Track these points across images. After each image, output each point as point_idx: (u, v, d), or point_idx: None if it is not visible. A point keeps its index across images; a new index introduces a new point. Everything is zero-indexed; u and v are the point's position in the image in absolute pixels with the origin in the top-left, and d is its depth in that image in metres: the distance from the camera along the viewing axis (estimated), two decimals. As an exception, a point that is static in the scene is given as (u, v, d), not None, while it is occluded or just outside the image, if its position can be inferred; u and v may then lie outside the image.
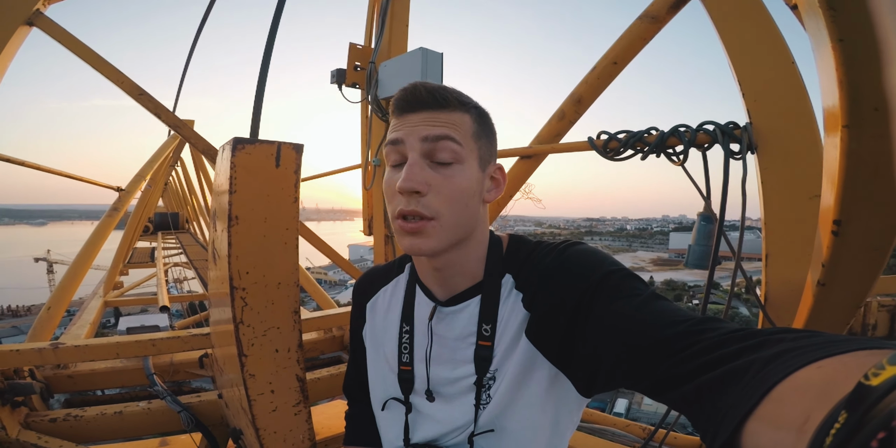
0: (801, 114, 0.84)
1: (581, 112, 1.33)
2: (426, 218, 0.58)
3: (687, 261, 1.12)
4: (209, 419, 1.43)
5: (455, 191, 0.58)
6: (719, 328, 0.41)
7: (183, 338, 1.54)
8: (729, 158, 0.94)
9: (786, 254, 0.87)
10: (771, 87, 0.87)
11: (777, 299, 0.89)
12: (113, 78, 1.65)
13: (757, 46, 0.88)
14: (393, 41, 2.07)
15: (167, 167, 7.79)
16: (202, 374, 1.69)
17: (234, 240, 0.96)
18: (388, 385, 0.75)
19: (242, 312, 0.97)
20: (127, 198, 3.10)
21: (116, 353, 1.36)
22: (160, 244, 7.54)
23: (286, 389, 1.04)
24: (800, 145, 0.85)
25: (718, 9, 0.94)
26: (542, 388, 0.60)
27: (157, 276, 4.13)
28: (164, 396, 1.36)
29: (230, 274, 0.96)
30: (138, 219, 5.00)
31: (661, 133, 1.06)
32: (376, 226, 2.52)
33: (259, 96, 1.20)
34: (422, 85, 0.60)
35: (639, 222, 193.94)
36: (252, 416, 0.99)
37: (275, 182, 1.02)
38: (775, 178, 0.88)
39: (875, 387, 0.19)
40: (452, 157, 0.58)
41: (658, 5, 1.06)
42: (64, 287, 2.28)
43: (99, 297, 3.16)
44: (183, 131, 1.71)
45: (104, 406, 1.35)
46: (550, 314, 0.58)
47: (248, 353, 0.98)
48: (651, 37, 1.11)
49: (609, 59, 1.19)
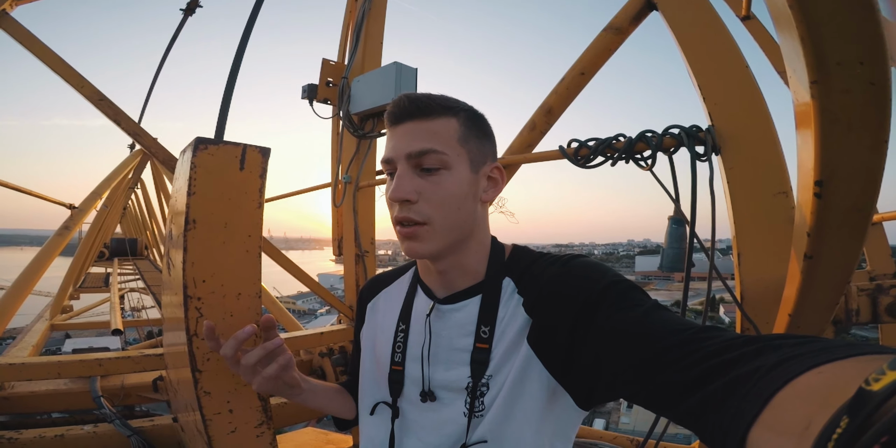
0: (758, 115, 0.89)
1: (552, 122, 1.35)
2: (418, 223, 0.61)
3: (661, 264, 1.12)
4: (164, 445, 1.30)
5: (444, 196, 0.61)
6: (720, 336, 0.42)
7: (134, 358, 1.41)
8: (695, 160, 0.97)
9: (757, 251, 0.89)
10: (729, 90, 0.92)
11: (753, 297, 0.90)
12: (73, 82, 1.58)
13: (713, 52, 0.93)
14: (367, 57, 2.08)
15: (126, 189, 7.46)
16: (156, 398, 1.55)
17: (189, 245, 0.90)
18: (377, 387, 0.74)
19: (197, 324, 0.90)
20: (80, 216, 2.91)
21: (58, 373, 1.23)
22: (115, 270, 7.12)
23: (246, 409, 0.96)
24: (760, 145, 0.89)
25: (677, 20, 0.99)
26: (541, 402, 0.59)
27: (111, 300, 3.85)
28: (113, 419, 1.24)
29: (184, 282, 0.89)
30: (92, 241, 4.71)
31: (629, 139, 1.08)
32: (346, 246, 2.45)
33: (227, 96, 1.16)
34: (406, 96, 0.63)
35: (606, 247, 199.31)
36: (208, 437, 0.90)
37: (238, 185, 0.97)
38: (740, 177, 0.90)
39: (876, 392, 0.20)
40: (439, 164, 0.61)
41: (621, 18, 1.11)
42: (3, 306, 2.08)
43: (45, 319, 2.91)
44: (143, 140, 1.63)
45: (42, 429, 1.20)
46: (553, 321, 0.58)
47: (202, 369, 0.89)
48: (616, 47, 1.16)
49: (576, 70, 1.23)
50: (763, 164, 0.88)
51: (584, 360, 0.54)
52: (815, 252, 0.52)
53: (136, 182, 8.79)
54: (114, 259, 8.71)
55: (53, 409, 1.45)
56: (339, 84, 2.22)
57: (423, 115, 0.62)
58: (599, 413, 26.28)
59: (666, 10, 1.02)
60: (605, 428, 24.95)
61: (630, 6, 1.11)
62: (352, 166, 2.25)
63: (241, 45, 1.19)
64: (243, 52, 1.20)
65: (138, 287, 6.29)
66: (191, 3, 6.37)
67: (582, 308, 0.55)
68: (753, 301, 0.91)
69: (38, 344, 2.39)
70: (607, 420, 26.30)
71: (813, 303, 0.60)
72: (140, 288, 6.18)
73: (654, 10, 1.06)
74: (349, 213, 2.28)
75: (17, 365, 1.24)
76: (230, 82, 1.15)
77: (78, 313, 3.50)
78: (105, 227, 7.15)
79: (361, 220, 2.25)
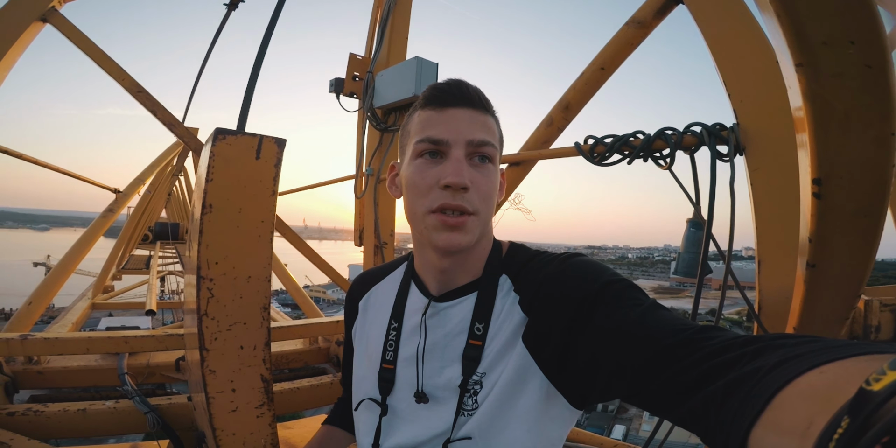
0: (788, 113, 0.83)
1: (569, 118, 1.32)
2: (469, 213, 0.59)
3: (676, 269, 1.08)
4: (178, 423, 1.36)
5: (490, 189, 0.61)
6: (720, 336, 0.41)
7: (158, 337, 1.49)
8: (716, 160, 0.92)
9: (779, 258, 0.84)
10: (756, 86, 0.86)
11: (771, 307, 0.85)
12: (115, 75, 1.68)
13: (741, 48, 0.88)
14: (392, 51, 2.10)
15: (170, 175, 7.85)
16: (178, 377, 1.63)
17: (205, 227, 0.94)
18: (367, 385, 0.73)
19: (208, 304, 0.94)
20: (124, 200, 3.09)
21: (87, 348, 1.32)
22: (157, 252, 7.52)
23: (249, 389, 0.99)
24: (788, 145, 0.83)
25: (703, 13, 0.94)
26: (535, 401, 0.58)
27: (150, 282, 4.08)
28: (133, 396, 1.30)
29: (198, 262, 0.93)
30: (135, 223, 4.99)
31: (647, 136, 1.04)
32: (367, 236, 2.49)
33: (250, 89, 1.20)
34: (464, 83, 0.62)
35: (640, 251, 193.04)
36: (210, 414, 0.94)
37: (253, 173, 1.01)
38: (765, 180, 0.85)
39: (876, 392, 0.20)
40: (492, 157, 0.62)
41: (645, 11, 1.07)
42: (48, 283, 2.24)
43: (87, 298, 3.11)
44: (177, 130, 1.72)
45: (67, 403, 1.29)
46: (549, 320, 0.57)
47: (209, 348, 0.93)
48: (639, 42, 1.11)
49: (597, 64, 1.19)
50: (790, 165, 0.82)
51: (581, 360, 0.53)
52: (818, 260, 0.47)
53: (180, 170, 9.23)
54: (157, 242, 9.22)
55: (82, 385, 1.52)
56: (364, 78, 2.26)
57: (480, 107, 0.62)
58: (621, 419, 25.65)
59: (692, 2, 0.97)
60: (625, 435, 24.33)
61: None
62: (374, 159, 2.28)
63: (264, 39, 1.22)
64: (266, 46, 1.24)
65: (177, 270, 6.63)
66: (234, -2, 6.51)
67: (579, 307, 0.54)
68: (772, 312, 0.85)
69: (79, 321, 2.56)
70: (628, 427, 25.62)
71: (820, 317, 0.56)
72: (178, 271, 6.52)
73: (679, 2, 1.01)
74: (370, 204, 2.31)
75: (50, 339, 1.33)
76: (253, 75, 1.19)
77: (118, 293, 3.73)
78: (149, 212, 7.56)
79: (382, 212, 2.28)
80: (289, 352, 2.02)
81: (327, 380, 1.87)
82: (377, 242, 2.31)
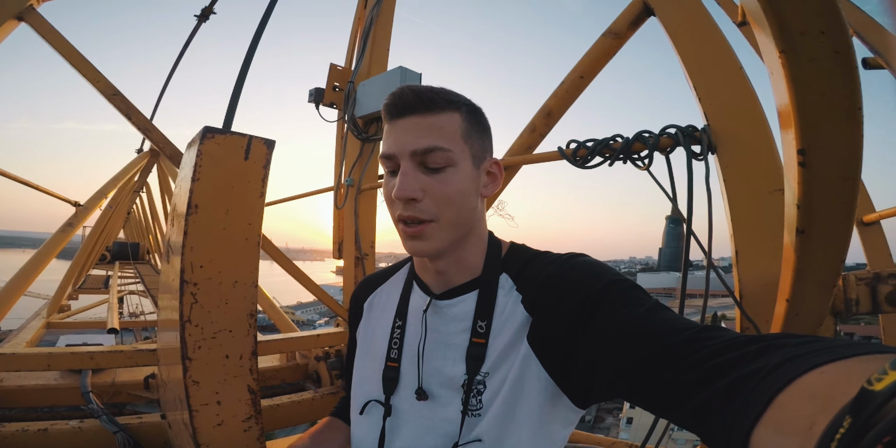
0: (753, 114, 0.90)
1: (551, 125, 1.37)
2: (424, 221, 0.59)
3: (658, 265, 1.12)
4: (151, 443, 1.27)
5: (450, 194, 0.59)
6: (722, 335, 0.42)
7: (126, 352, 1.40)
8: (691, 159, 0.98)
9: (755, 248, 0.89)
10: (724, 91, 0.94)
11: (752, 295, 0.90)
12: (90, 77, 1.62)
13: (708, 55, 0.96)
14: (373, 62, 2.13)
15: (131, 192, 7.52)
16: (147, 396, 1.53)
17: (190, 229, 0.90)
18: (370, 385, 0.71)
19: (191, 310, 0.89)
20: (84, 214, 2.93)
21: (48, 365, 1.22)
22: (116, 272, 7.13)
23: (235, 401, 0.94)
24: (755, 143, 0.90)
25: (673, 24, 1.02)
26: (540, 402, 0.58)
27: (110, 301, 3.85)
28: (100, 415, 1.22)
29: (182, 266, 0.89)
30: (93, 242, 4.72)
31: (627, 139, 1.10)
32: (346, 248, 2.46)
33: (238, 88, 1.19)
34: (408, 88, 0.60)
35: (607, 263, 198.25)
36: (193, 429, 0.88)
37: (241, 174, 0.99)
38: (736, 175, 0.92)
39: (878, 392, 0.20)
40: (444, 161, 0.59)
41: (620, 23, 1.15)
42: None
43: (41, 317, 2.90)
44: (153, 135, 1.67)
45: (26, 423, 1.19)
46: (553, 320, 0.57)
47: (192, 357, 0.88)
48: (615, 52, 1.19)
49: (576, 73, 1.25)
50: (758, 161, 0.90)
51: (584, 359, 0.54)
52: (807, 225, 0.53)
53: (142, 186, 8.86)
54: (115, 262, 8.73)
55: (42, 405, 1.42)
56: (345, 88, 2.27)
57: (426, 109, 0.59)
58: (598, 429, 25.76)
59: (663, 15, 1.05)
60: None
61: (629, 12, 1.14)
62: (354, 169, 2.28)
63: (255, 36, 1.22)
64: (258, 41, 1.23)
65: (138, 290, 6.30)
66: (205, 10, 6.43)
67: (582, 307, 0.55)
68: (753, 299, 0.90)
69: (33, 340, 2.38)
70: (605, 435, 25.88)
71: (810, 283, 0.61)
72: (140, 291, 6.19)
73: (651, 15, 1.09)
74: (350, 215, 2.29)
75: (7, 355, 1.23)
76: (241, 75, 1.18)
77: (76, 313, 3.49)
78: (108, 230, 7.19)
79: (362, 223, 2.26)
80: (265, 369, 1.94)
81: (308, 396, 1.80)
82: (358, 254, 2.28)
